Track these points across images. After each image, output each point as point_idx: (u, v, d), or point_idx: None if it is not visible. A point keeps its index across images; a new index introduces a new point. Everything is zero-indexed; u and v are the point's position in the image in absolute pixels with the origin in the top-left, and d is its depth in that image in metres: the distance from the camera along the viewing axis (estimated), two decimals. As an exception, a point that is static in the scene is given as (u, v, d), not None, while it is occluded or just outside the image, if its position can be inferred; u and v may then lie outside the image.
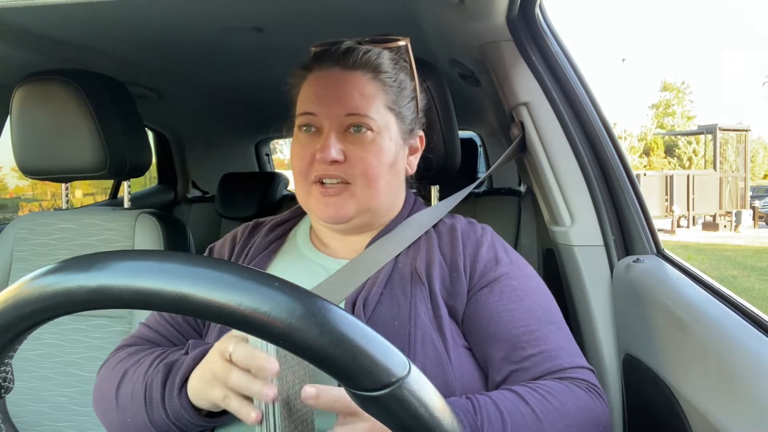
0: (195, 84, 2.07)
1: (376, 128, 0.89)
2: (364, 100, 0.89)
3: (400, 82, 0.94)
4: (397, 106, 0.93)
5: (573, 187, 1.13)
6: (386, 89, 0.92)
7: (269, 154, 3.30)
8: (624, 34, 69.15)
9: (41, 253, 1.44)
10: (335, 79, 0.90)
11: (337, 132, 0.88)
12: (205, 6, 1.31)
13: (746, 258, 10.69)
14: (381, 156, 0.90)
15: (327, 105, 0.89)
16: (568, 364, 0.82)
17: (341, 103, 0.89)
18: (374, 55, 0.92)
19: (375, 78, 0.91)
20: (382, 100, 0.91)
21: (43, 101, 1.39)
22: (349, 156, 0.88)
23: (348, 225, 0.92)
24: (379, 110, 0.90)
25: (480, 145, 3.35)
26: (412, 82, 0.97)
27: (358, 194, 0.89)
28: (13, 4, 1.02)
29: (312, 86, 0.92)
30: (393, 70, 0.93)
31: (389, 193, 0.94)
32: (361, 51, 0.91)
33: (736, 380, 0.72)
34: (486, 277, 0.88)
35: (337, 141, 0.88)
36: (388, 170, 0.91)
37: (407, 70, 0.96)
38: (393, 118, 0.92)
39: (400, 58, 0.96)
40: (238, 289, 0.42)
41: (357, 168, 0.88)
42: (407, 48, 0.97)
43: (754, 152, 34.05)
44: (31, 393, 1.39)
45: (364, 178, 0.89)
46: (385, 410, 0.44)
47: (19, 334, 0.46)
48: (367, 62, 0.91)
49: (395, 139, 0.92)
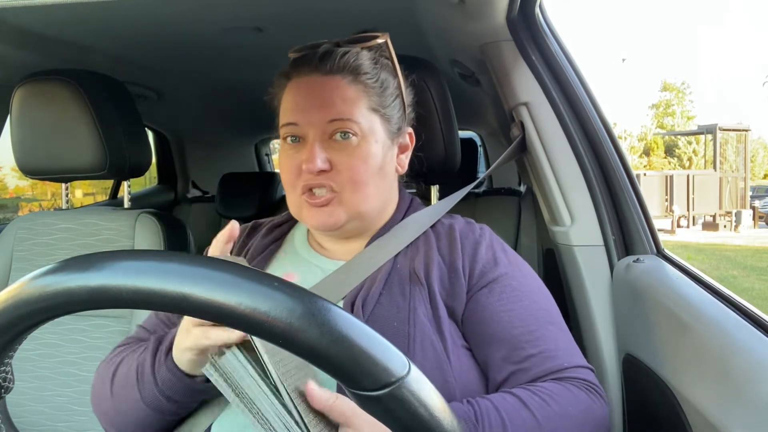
0: (195, 84, 2.07)
1: (360, 132, 0.88)
2: (346, 105, 0.87)
3: (382, 82, 0.92)
4: (381, 106, 0.91)
5: (573, 187, 1.13)
6: (368, 91, 0.90)
7: (269, 154, 3.30)
8: (624, 34, 69.17)
9: (41, 253, 1.44)
10: (315, 86, 0.89)
11: (321, 140, 0.87)
12: (205, 6, 1.31)
13: (746, 258, 10.69)
14: (368, 161, 0.88)
15: (309, 113, 0.88)
16: (568, 364, 0.82)
17: (323, 109, 0.87)
18: (353, 57, 0.89)
19: (355, 80, 0.89)
20: (365, 103, 0.89)
21: (43, 101, 1.39)
22: (335, 164, 0.87)
23: (341, 231, 0.92)
24: (362, 113, 0.88)
25: (480, 145, 3.35)
26: (395, 80, 0.94)
27: (347, 201, 0.88)
28: (13, 4, 1.02)
29: (292, 95, 0.90)
30: (373, 70, 0.91)
31: (379, 196, 0.92)
32: (338, 54, 0.89)
33: (736, 380, 0.72)
34: (485, 277, 0.88)
35: (322, 150, 0.87)
36: (376, 174, 0.90)
37: (389, 67, 0.94)
38: (378, 119, 0.90)
39: (381, 56, 0.94)
40: (238, 289, 0.42)
41: (344, 175, 0.87)
42: (387, 44, 0.94)
43: (754, 152, 34.05)
44: (31, 393, 1.39)
45: (351, 184, 0.88)
46: (385, 410, 0.44)
47: (19, 334, 0.46)
48: (345, 65, 0.89)
49: (382, 141, 0.91)
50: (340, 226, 0.90)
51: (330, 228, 0.90)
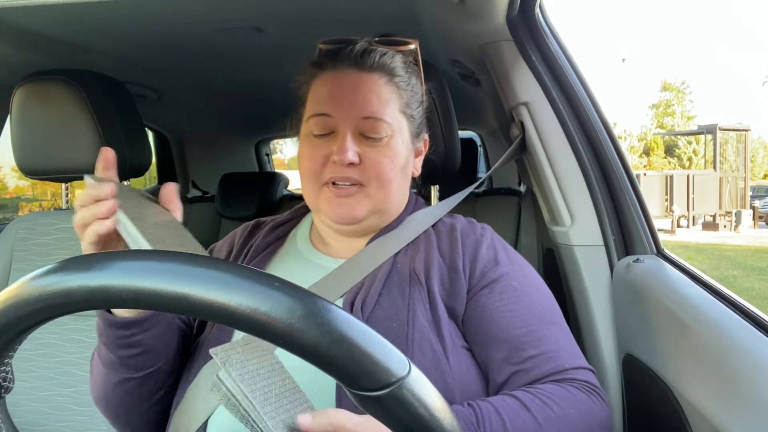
0: (195, 84, 2.07)
1: (390, 132, 0.89)
2: (381, 104, 0.89)
3: (413, 86, 0.95)
4: (409, 109, 0.93)
5: (573, 187, 1.13)
6: (400, 93, 0.92)
7: (269, 154, 3.30)
8: (624, 34, 69.16)
9: (41, 253, 1.44)
10: (352, 81, 0.90)
11: (352, 134, 0.88)
12: (205, 6, 1.31)
13: (746, 258, 10.69)
14: (395, 159, 0.90)
15: (344, 107, 0.89)
16: (569, 365, 0.82)
17: (358, 105, 0.88)
18: (389, 58, 0.92)
19: (390, 81, 0.91)
20: (396, 104, 0.91)
21: (43, 101, 1.39)
22: (363, 158, 0.88)
23: (358, 226, 0.92)
24: (394, 114, 0.91)
25: (480, 145, 3.34)
26: (422, 87, 0.98)
27: (372, 196, 0.90)
28: (13, 4, 1.02)
29: (327, 86, 0.91)
30: (406, 73, 0.94)
31: (400, 195, 0.95)
32: (378, 53, 0.91)
33: (736, 380, 0.72)
34: (486, 277, 0.88)
35: (354, 143, 0.88)
36: (400, 173, 0.92)
37: (417, 73, 0.97)
38: (405, 121, 0.93)
39: (411, 61, 0.96)
40: (238, 289, 0.42)
41: (371, 170, 0.88)
42: (417, 51, 0.97)
43: (754, 152, 34.06)
44: (31, 393, 1.39)
45: (378, 180, 0.89)
46: (385, 410, 0.44)
47: (19, 334, 0.46)
48: (383, 65, 0.91)
49: (406, 143, 0.93)
50: (359, 221, 0.91)
51: (349, 221, 0.90)
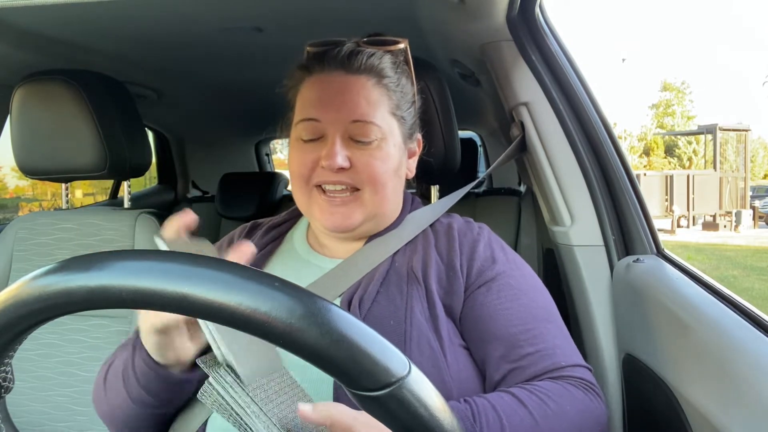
0: (195, 84, 2.07)
1: (381, 135, 0.88)
2: (370, 107, 0.88)
3: (402, 87, 0.93)
4: (399, 110, 0.92)
5: (573, 187, 1.13)
6: (390, 94, 0.90)
7: (269, 154, 3.30)
8: (624, 34, 69.15)
9: (41, 253, 1.44)
10: (339, 84, 0.88)
11: (342, 138, 0.87)
12: (205, 6, 1.31)
13: (746, 258, 10.69)
14: (387, 162, 0.89)
15: (332, 111, 0.87)
16: (566, 363, 0.82)
17: (347, 109, 0.87)
18: (377, 59, 0.90)
19: (379, 83, 0.90)
20: (386, 106, 0.90)
21: (43, 101, 1.39)
22: (354, 162, 0.87)
23: (353, 234, 0.92)
24: (384, 116, 0.89)
25: (480, 145, 3.34)
26: (413, 87, 0.96)
27: (367, 202, 0.89)
28: (13, 4, 1.02)
29: (314, 90, 0.90)
30: (395, 74, 0.92)
31: (394, 198, 0.94)
32: (365, 55, 0.89)
33: (736, 380, 0.72)
34: (483, 275, 0.88)
35: (343, 147, 0.86)
36: (393, 175, 0.91)
37: (407, 73, 0.95)
38: (396, 123, 0.91)
39: (401, 61, 0.94)
40: (238, 289, 0.42)
41: (364, 174, 0.87)
42: (407, 50, 0.95)
43: (754, 152, 34.05)
44: (31, 393, 1.39)
45: (371, 184, 0.88)
46: (385, 410, 0.44)
47: (19, 335, 0.46)
48: (371, 66, 0.89)
49: (398, 145, 0.92)
50: (354, 228, 0.90)
51: (343, 230, 0.90)
